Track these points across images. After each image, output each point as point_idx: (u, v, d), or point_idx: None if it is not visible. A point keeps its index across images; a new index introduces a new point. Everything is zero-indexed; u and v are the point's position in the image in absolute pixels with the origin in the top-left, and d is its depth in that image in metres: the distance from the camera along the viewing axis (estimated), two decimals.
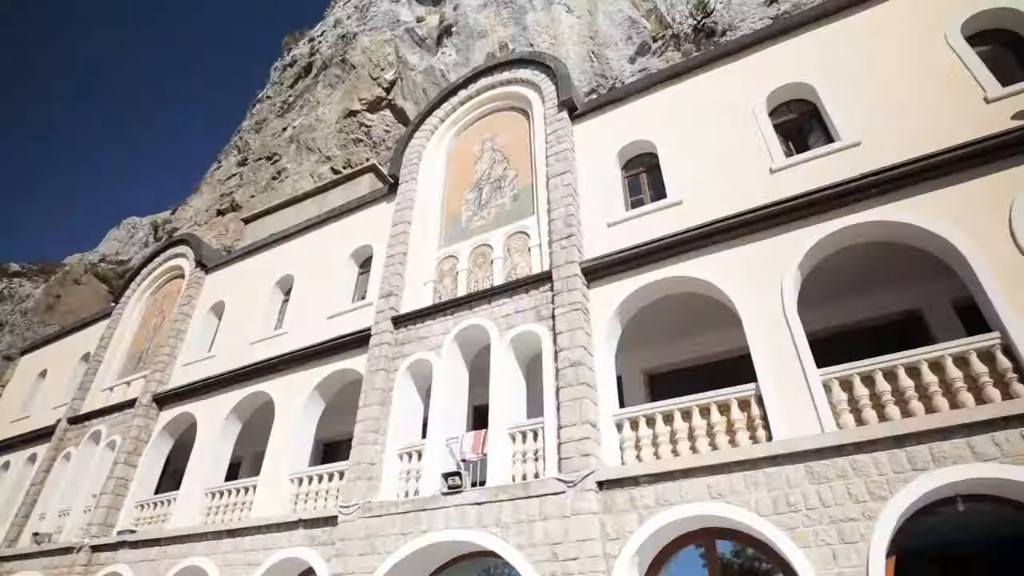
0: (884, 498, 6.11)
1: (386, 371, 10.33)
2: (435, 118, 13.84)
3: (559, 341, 8.66)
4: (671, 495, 7.10)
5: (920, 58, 8.72)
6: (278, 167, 28.00)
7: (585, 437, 7.71)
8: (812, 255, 7.99)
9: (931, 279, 8.90)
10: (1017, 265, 6.64)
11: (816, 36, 9.98)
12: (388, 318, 10.88)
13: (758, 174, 8.97)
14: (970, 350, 6.54)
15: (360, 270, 13.34)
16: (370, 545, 8.63)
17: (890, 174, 7.69)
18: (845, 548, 6.04)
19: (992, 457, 5.87)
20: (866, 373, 6.93)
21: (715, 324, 9.82)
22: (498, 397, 9.02)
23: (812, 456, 6.58)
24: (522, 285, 9.76)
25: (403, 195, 12.81)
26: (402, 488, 9.22)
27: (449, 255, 11.40)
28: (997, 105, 7.75)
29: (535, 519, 7.59)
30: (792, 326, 7.48)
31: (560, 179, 10.45)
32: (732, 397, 7.46)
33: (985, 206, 7.11)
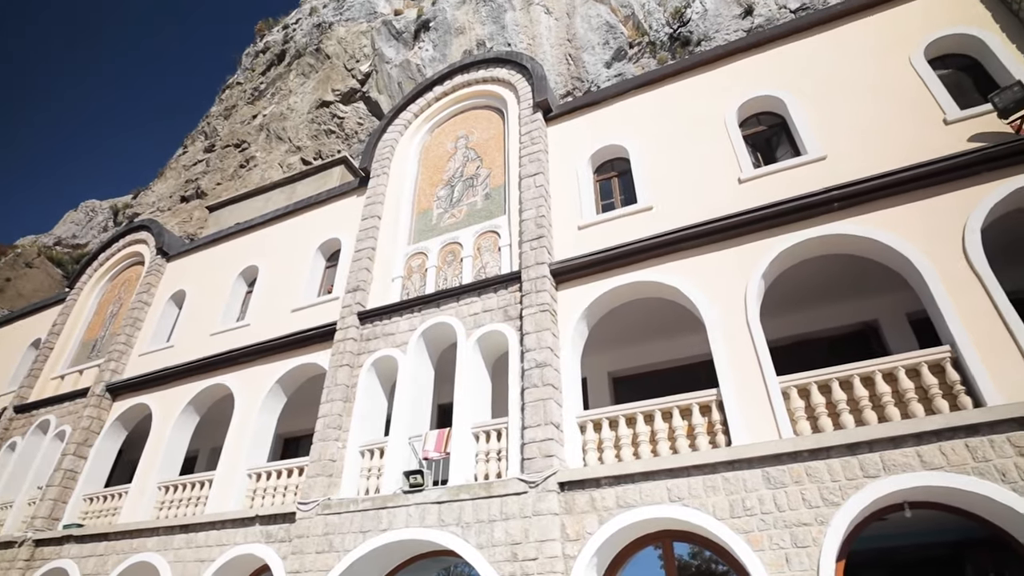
0: (837, 504, 6.27)
1: (350, 367, 10.18)
2: (409, 113, 13.71)
3: (526, 342, 8.66)
4: (631, 497, 7.17)
5: (885, 78, 8.99)
6: (246, 155, 27.36)
7: (548, 438, 7.73)
8: (776, 265, 8.17)
9: (888, 292, 9.19)
10: (968, 282, 6.90)
11: (787, 51, 10.20)
12: (354, 313, 10.73)
13: (727, 183, 9.13)
14: (922, 362, 6.77)
15: (327, 263, 13.13)
16: (328, 543, 8.50)
17: (853, 189, 7.92)
18: (797, 552, 6.19)
19: (939, 466, 6.08)
20: (823, 382, 7.11)
21: (680, 329, 9.99)
22: (463, 396, 8.97)
23: (769, 461, 6.72)
24: (491, 284, 9.73)
25: (374, 189, 12.65)
26: (363, 485, 9.10)
27: (418, 252, 11.30)
28: (955, 127, 8.05)
29: (496, 519, 7.57)
30: (754, 334, 7.63)
31: (532, 180, 10.46)
32: (694, 402, 7.57)
33: (941, 224, 7.37)
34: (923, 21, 9.33)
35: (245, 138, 28.50)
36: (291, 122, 27.27)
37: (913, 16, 9.47)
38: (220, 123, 31.50)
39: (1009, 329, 6.46)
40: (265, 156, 27.02)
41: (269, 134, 27.62)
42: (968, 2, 9.21)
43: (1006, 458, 5.88)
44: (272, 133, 27.55)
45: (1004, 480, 5.79)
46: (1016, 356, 6.33)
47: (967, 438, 6.10)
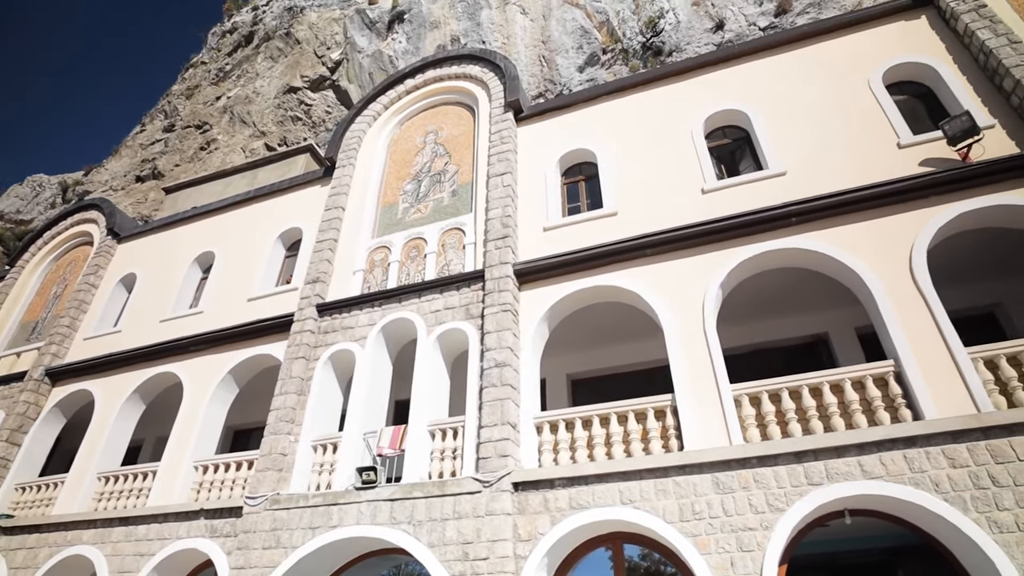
0: (781, 510, 6.45)
1: (306, 359, 9.97)
2: (379, 104, 13.52)
3: (487, 341, 8.64)
4: (584, 499, 7.23)
5: (845, 99, 9.32)
6: (208, 137, 26.52)
7: (505, 438, 7.73)
8: (734, 275, 8.36)
9: (838, 307, 9.51)
10: (913, 300, 7.21)
11: (755, 67, 10.46)
12: (313, 305, 10.51)
13: (690, 193, 9.31)
14: (867, 375, 7.03)
15: (287, 253, 12.83)
16: (275, 538, 8.30)
17: (810, 205, 8.18)
18: (742, 556, 6.34)
19: (878, 475, 6.33)
20: (774, 391, 7.31)
21: (640, 334, 10.12)
22: (420, 393, 8.89)
23: (719, 467, 6.87)
24: (454, 282, 9.68)
25: (339, 180, 12.43)
26: (314, 481, 8.93)
27: (381, 245, 11.14)
28: (908, 151, 8.40)
29: (449, 518, 7.53)
30: (710, 341, 7.79)
31: (500, 179, 10.44)
32: (649, 406, 7.69)
33: (890, 243, 7.68)
34: (883, 48, 9.70)
35: (207, 120, 27.62)
36: (256, 106, 26.56)
37: (874, 42, 9.84)
38: (181, 102, 30.45)
39: (948, 347, 6.77)
40: (227, 139, 26.25)
41: (233, 117, 26.84)
42: (925, 33, 9.62)
43: (940, 469, 6.16)
44: (236, 116, 26.78)
45: (937, 491, 6.07)
46: (954, 372, 6.63)
47: (905, 449, 6.36)
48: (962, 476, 6.07)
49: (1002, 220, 7.75)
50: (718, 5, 19.70)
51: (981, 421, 6.20)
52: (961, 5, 9.24)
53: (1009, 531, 5.71)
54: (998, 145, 8.01)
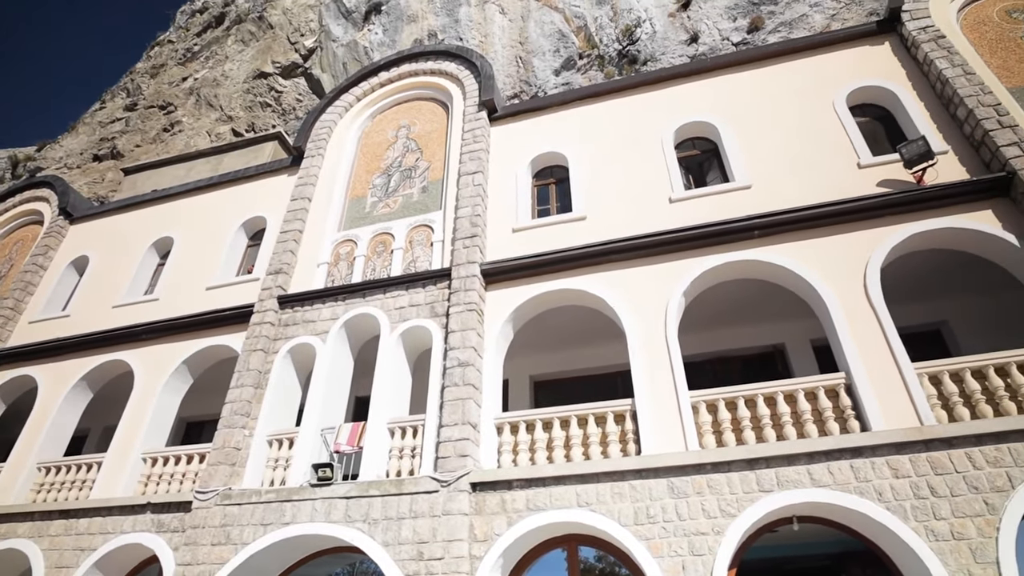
0: (733, 515, 6.60)
1: (265, 352, 9.75)
2: (352, 95, 13.33)
3: (450, 340, 8.60)
4: (541, 500, 7.26)
5: (810, 118, 9.61)
6: (172, 119, 25.68)
7: (464, 438, 7.70)
8: (697, 284, 8.52)
9: (796, 319, 9.78)
10: (866, 315, 7.47)
11: (726, 81, 10.69)
12: (274, 296, 10.28)
13: (658, 201, 9.45)
14: (819, 386, 7.25)
15: (250, 242, 12.52)
16: (225, 534, 8.09)
17: (773, 219, 8.40)
18: (693, 560, 6.47)
19: (826, 484, 6.53)
20: (730, 399, 7.47)
21: (603, 338, 10.22)
22: (381, 390, 8.79)
23: (675, 472, 6.99)
24: (420, 279, 9.60)
25: (307, 170, 12.19)
26: (268, 476, 8.73)
27: (348, 239, 10.98)
28: (867, 171, 8.71)
29: (405, 517, 7.46)
30: (671, 348, 7.92)
31: (471, 178, 10.41)
32: (609, 410, 7.76)
33: (847, 260, 7.94)
34: (848, 70, 10.03)
35: (172, 100, 26.76)
36: (224, 90, 25.85)
37: (840, 64, 10.17)
38: (145, 81, 29.43)
39: (897, 362, 7.04)
40: (192, 122, 25.47)
41: (199, 99, 26.07)
42: (887, 58, 9.99)
43: (883, 479, 6.40)
44: (203, 99, 26.01)
45: (880, 500, 6.30)
46: (900, 387, 6.90)
47: (852, 459, 6.59)
48: (904, 486, 6.32)
49: (950, 242, 8.10)
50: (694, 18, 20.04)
51: (923, 434, 6.46)
52: (922, 34, 9.62)
53: (944, 539, 5.96)
54: (950, 170, 8.37)
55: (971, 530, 5.95)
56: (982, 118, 8.34)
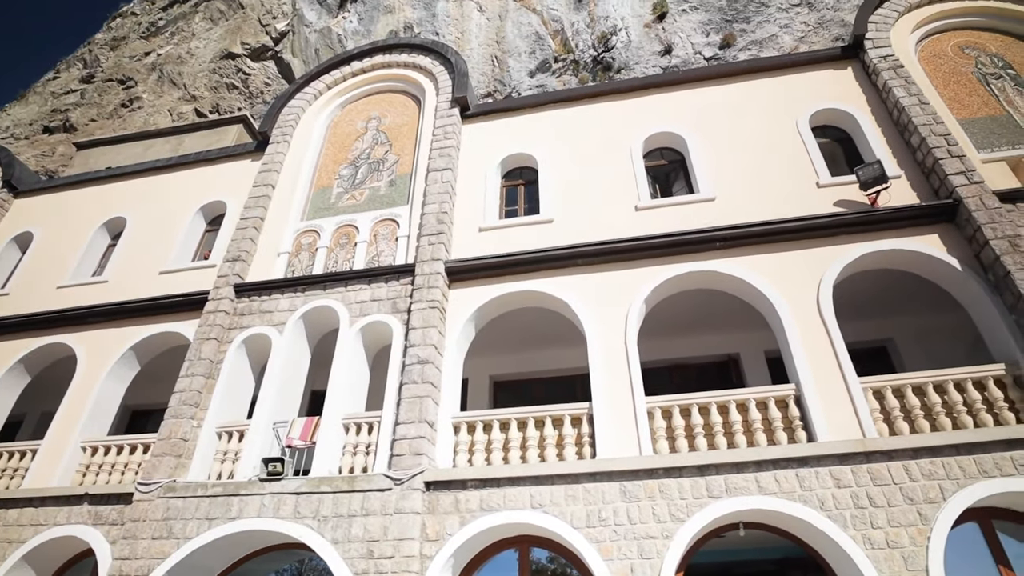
0: (682, 520, 6.73)
1: (218, 341, 9.46)
2: (322, 83, 13.08)
3: (411, 337, 8.52)
4: (495, 501, 7.25)
5: (774, 136, 9.89)
6: (131, 94, 24.70)
7: (421, 436, 7.64)
8: (659, 291, 8.67)
9: (751, 329, 10.03)
10: (817, 329, 7.73)
11: (696, 94, 10.91)
12: (231, 284, 9.99)
13: (625, 208, 9.58)
14: (770, 397, 7.46)
15: (208, 227, 12.14)
16: (167, 528, 7.81)
17: (734, 232, 8.61)
18: (642, 563, 6.56)
19: (772, 491, 6.73)
20: (685, 406, 7.61)
21: (564, 341, 10.29)
22: (338, 385, 8.64)
23: (628, 476, 7.08)
24: (383, 274, 9.48)
25: (272, 156, 11.90)
26: (215, 469, 8.48)
27: (311, 229, 10.75)
28: (825, 190, 9.02)
29: (356, 514, 7.35)
30: (630, 354, 8.03)
31: (440, 175, 10.34)
32: (567, 413, 7.82)
33: (802, 275, 8.20)
34: (812, 92, 10.37)
35: (132, 75, 25.74)
36: (189, 68, 25.01)
37: (805, 85, 10.50)
38: (105, 53, 28.23)
39: (844, 376, 7.31)
40: (153, 99, 24.56)
41: (162, 76, 25.15)
42: (850, 83, 10.38)
43: (826, 489, 6.62)
44: (166, 76, 25.11)
45: (822, 508, 6.52)
46: (846, 399, 7.16)
47: (798, 468, 6.80)
48: (845, 496, 6.56)
49: (899, 263, 8.45)
50: (669, 30, 20.37)
51: (865, 446, 6.73)
52: (882, 63, 10.01)
53: (880, 548, 6.22)
54: (902, 194, 8.74)
55: (904, 539, 6.22)
56: (933, 146, 8.73)
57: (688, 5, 20.56)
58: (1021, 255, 7.49)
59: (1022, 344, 7.22)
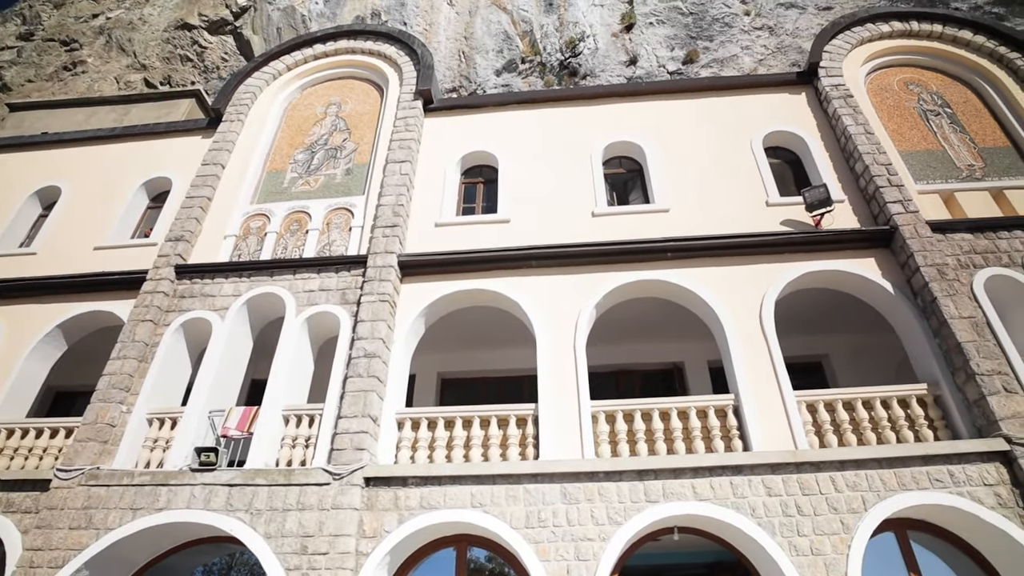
0: (619, 523, 6.84)
1: (154, 323, 9.04)
2: (282, 63, 12.68)
3: (359, 329, 8.35)
4: (435, 499, 7.19)
5: (729, 153, 10.20)
6: (75, 57, 23.34)
7: (363, 431, 7.50)
8: (609, 298, 8.80)
9: (696, 339, 10.29)
10: (758, 343, 8.01)
11: (658, 107, 11.14)
12: (172, 265, 9.56)
13: (581, 213, 9.68)
14: (710, 406, 7.68)
15: (151, 204, 11.58)
16: (87, 518, 7.40)
17: (685, 244, 8.83)
18: (578, 564, 6.64)
19: (707, 498, 6.92)
20: (629, 411, 7.75)
21: (514, 342, 10.30)
22: (280, 375, 8.39)
23: (569, 478, 7.15)
24: (334, 264, 9.26)
25: (224, 134, 11.45)
26: (144, 457, 8.09)
27: (261, 213, 10.40)
28: (774, 209, 9.36)
29: (291, 508, 7.16)
30: (578, 357, 8.11)
31: (399, 167, 10.18)
32: (512, 413, 7.83)
33: (747, 289, 8.48)
34: (767, 113, 10.75)
35: (77, 37, 24.32)
36: (141, 35, 23.83)
37: (761, 107, 10.88)
38: (47, 10, 26.57)
39: (780, 389, 7.60)
40: (99, 65, 23.28)
41: (110, 41, 23.87)
42: (802, 108, 10.81)
43: (757, 497, 6.86)
44: (114, 41, 23.84)
45: (753, 515, 6.75)
46: (781, 411, 7.45)
47: (732, 476, 7.02)
48: (775, 504, 6.81)
49: (838, 283, 8.85)
50: (635, 41, 20.70)
51: (796, 457, 7.00)
52: (834, 91, 10.45)
53: (804, 555, 6.48)
54: (844, 218, 9.16)
55: (827, 547, 6.51)
56: (875, 175, 9.18)
57: (655, 19, 20.96)
58: (947, 283, 7.96)
59: (943, 366, 7.68)
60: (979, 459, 6.87)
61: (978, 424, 7.20)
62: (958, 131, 10.16)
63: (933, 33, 11.30)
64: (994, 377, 7.21)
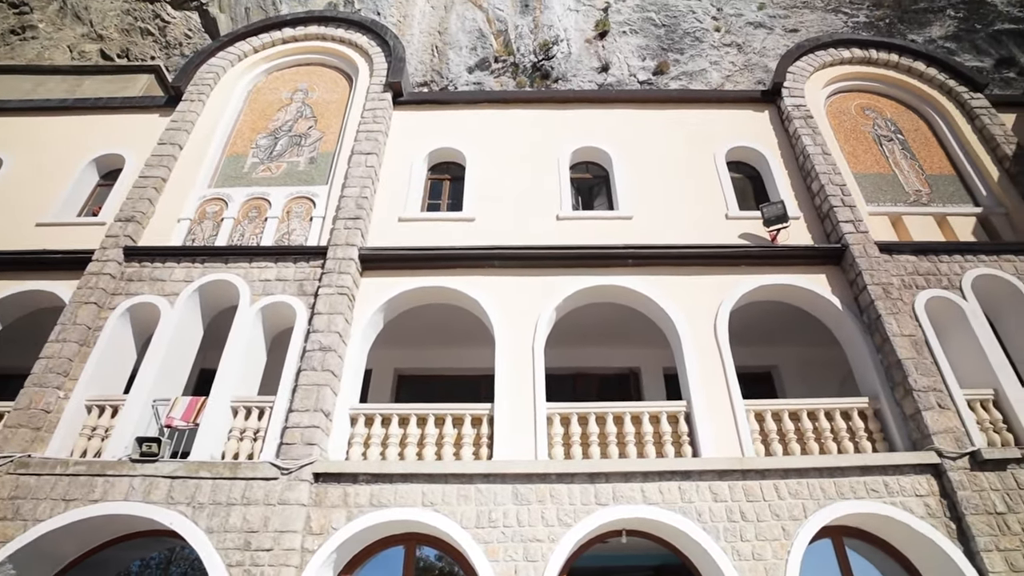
0: (569, 525, 6.90)
1: (99, 306, 8.64)
2: (249, 45, 12.33)
3: (315, 322, 8.18)
4: (386, 497, 7.11)
5: (694, 165, 10.43)
6: (25, 21, 22.16)
7: (315, 425, 7.35)
8: (570, 301, 8.87)
9: (653, 346, 10.46)
10: (711, 352, 8.21)
11: (626, 115, 11.29)
12: (120, 246, 9.16)
13: (546, 216, 9.74)
14: (663, 412, 7.83)
15: (101, 181, 11.08)
16: (14, 509, 7.02)
17: (646, 252, 8.99)
18: (526, 565, 6.66)
19: (655, 502, 7.05)
20: (583, 414, 7.82)
21: (473, 340, 10.24)
22: (230, 365, 8.14)
23: (522, 479, 7.17)
24: (292, 253, 9.04)
25: (183, 114, 11.05)
26: (81, 446, 7.72)
27: (218, 197, 10.08)
28: (733, 222, 9.61)
29: (236, 503, 6.95)
30: (536, 359, 8.15)
31: (365, 159, 10.02)
32: (468, 412, 7.81)
33: (703, 299, 8.68)
34: (731, 128, 11.03)
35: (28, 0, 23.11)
36: (99, 4, 22.81)
37: (726, 121, 11.16)
38: None
39: (731, 397, 7.81)
40: (52, 31, 22.19)
41: (64, 7, 22.77)
42: (765, 126, 11.14)
43: (704, 502, 7.02)
44: (69, 7, 22.75)
45: (699, 520, 6.91)
46: (731, 419, 7.66)
47: (681, 481, 7.16)
48: (720, 510, 6.98)
49: (789, 297, 9.14)
50: (608, 49, 20.94)
51: (743, 464, 7.20)
52: (795, 111, 10.80)
53: (746, 559, 6.67)
54: (799, 234, 9.48)
55: (768, 552, 6.71)
56: (830, 194, 9.53)
57: (629, 28, 21.25)
58: (892, 302, 8.32)
59: (884, 381, 8.02)
60: (912, 471, 7.21)
61: (913, 437, 7.54)
62: (908, 157, 10.63)
63: (890, 62, 11.80)
64: (929, 393, 7.57)
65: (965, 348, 8.34)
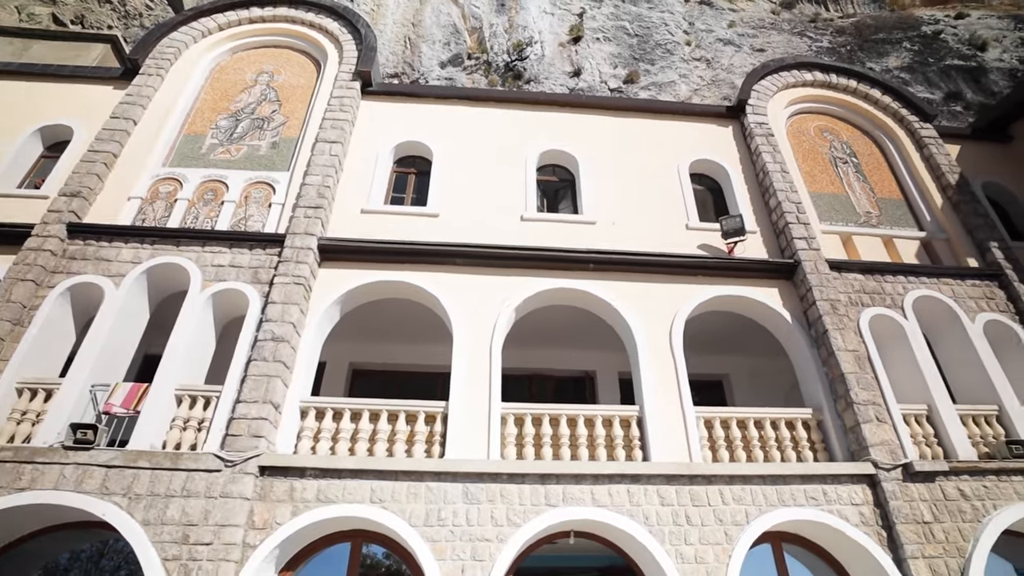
0: (518, 525, 6.91)
1: (36, 284, 8.20)
2: (214, 22, 11.91)
3: (269, 311, 7.96)
4: (334, 492, 6.98)
5: (658, 174, 10.61)
6: None
7: (262, 417, 7.15)
8: (530, 302, 8.90)
9: (609, 350, 10.61)
10: (665, 359, 8.37)
11: (595, 120, 11.40)
12: (63, 222, 8.72)
13: (511, 216, 9.74)
14: (616, 416, 7.93)
15: (46, 152, 10.52)
16: None
17: (607, 257, 9.11)
18: (473, 564, 6.64)
19: (604, 504, 7.13)
20: (538, 415, 7.85)
21: (431, 337, 10.20)
22: (176, 352, 7.85)
23: (473, 478, 7.15)
24: (248, 239, 8.77)
25: (139, 87, 10.60)
26: (8, 431, 7.29)
27: (172, 177, 9.70)
28: (692, 233, 9.83)
29: (175, 495, 6.71)
30: (493, 359, 8.14)
31: (329, 147, 9.82)
32: (422, 410, 7.74)
33: (660, 307, 8.84)
34: (696, 140, 11.27)
35: None
36: None
37: (691, 134, 11.40)
38: None
39: (682, 404, 7.98)
40: None
41: None
42: (728, 140, 11.42)
43: (652, 506, 7.15)
44: None
45: (646, 523, 7.04)
46: (681, 425, 7.82)
47: (630, 485, 7.28)
48: (667, 513, 7.12)
49: (743, 308, 9.40)
50: (581, 54, 21.10)
51: (690, 469, 7.36)
52: (758, 128, 11.11)
53: (688, 563, 6.82)
54: (755, 248, 9.75)
55: (710, 556, 6.88)
56: (786, 211, 9.84)
57: (602, 35, 21.47)
58: (838, 317, 8.64)
59: (827, 393, 8.33)
60: (849, 480, 7.51)
61: (852, 449, 7.86)
62: (861, 180, 11.07)
63: (849, 87, 12.26)
64: (869, 407, 7.90)
65: (903, 365, 8.76)
